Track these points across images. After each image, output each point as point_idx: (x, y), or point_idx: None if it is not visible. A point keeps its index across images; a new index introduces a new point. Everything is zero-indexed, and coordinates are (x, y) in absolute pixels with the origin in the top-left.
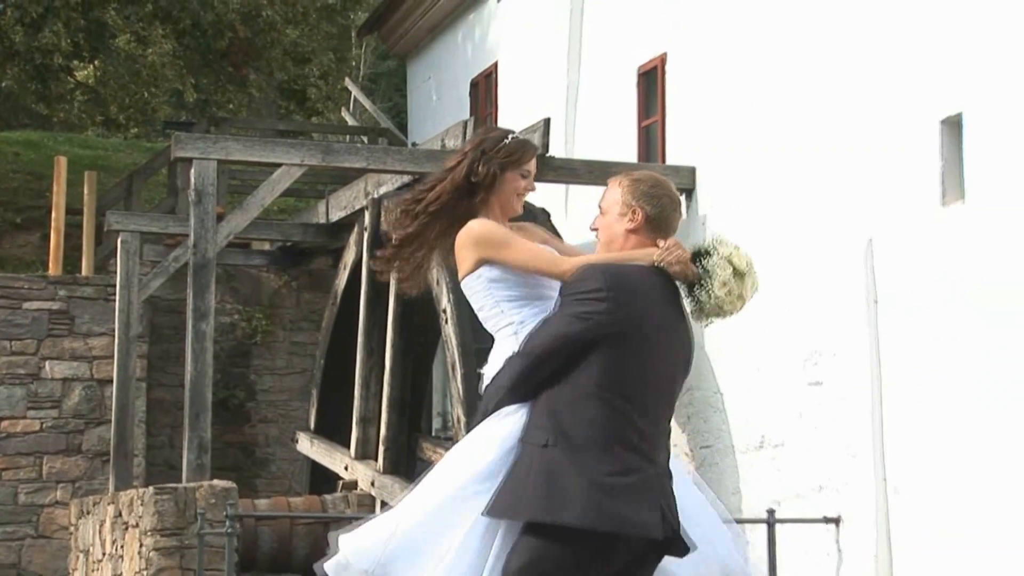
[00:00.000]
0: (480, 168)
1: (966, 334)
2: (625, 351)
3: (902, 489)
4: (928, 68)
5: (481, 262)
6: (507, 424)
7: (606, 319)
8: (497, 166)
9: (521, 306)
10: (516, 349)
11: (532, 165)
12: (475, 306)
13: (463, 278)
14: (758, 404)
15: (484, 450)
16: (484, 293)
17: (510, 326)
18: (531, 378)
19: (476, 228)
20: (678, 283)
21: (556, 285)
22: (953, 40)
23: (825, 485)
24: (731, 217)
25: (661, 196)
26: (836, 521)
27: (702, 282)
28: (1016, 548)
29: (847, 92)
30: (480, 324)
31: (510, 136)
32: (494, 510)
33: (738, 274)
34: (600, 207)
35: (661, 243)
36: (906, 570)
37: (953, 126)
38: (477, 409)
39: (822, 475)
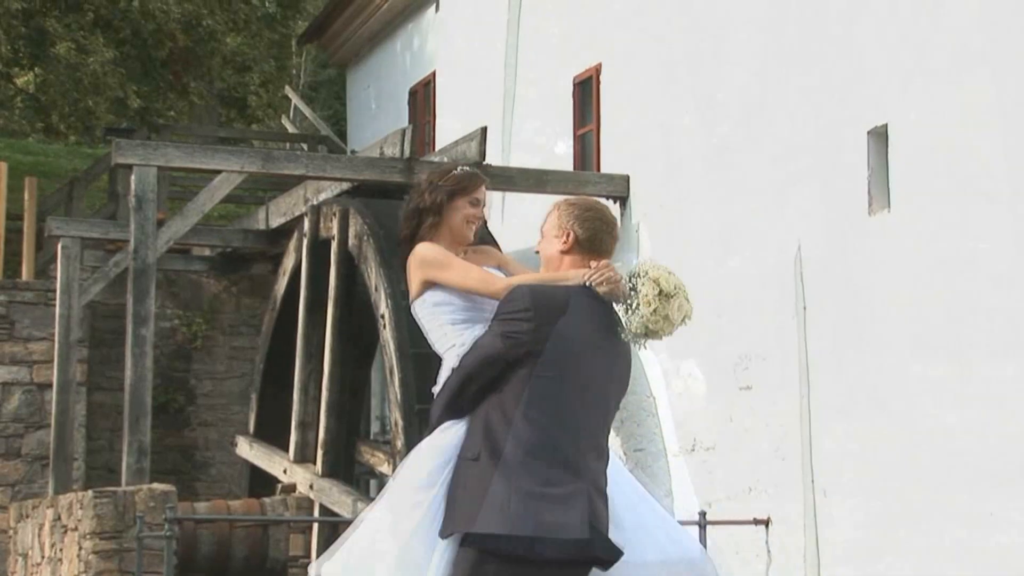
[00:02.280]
0: (427, 195)
1: (891, 340)
2: (550, 369)
3: (830, 491)
4: (855, 81)
5: (425, 285)
6: (444, 437)
7: (529, 338)
8: (445, 194)
9: (464, 328)
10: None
11: (481, 194)
12: (424, 329)
13: (412, 302)
14: (690, 408)
15: (422, 462)
16: (430, 317)
17: (453, 348)
18: (462, 395)
19: (418, 251)
20: (615, 304)
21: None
22: (879, 55)
23: (755, 487)
24: (664, 224)
25: (593, 219)
26: (766, 523)
27: (630, 302)
28: (939, 549)
29: (777, 103)
30: (418, 329)
31: (459, 167)
32: (443, 530)
33: (664, 295)
34: (542, 231)
35: (594, 264)
36: (833, 570)
37: (879, 137)
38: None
39: (752, 478)
